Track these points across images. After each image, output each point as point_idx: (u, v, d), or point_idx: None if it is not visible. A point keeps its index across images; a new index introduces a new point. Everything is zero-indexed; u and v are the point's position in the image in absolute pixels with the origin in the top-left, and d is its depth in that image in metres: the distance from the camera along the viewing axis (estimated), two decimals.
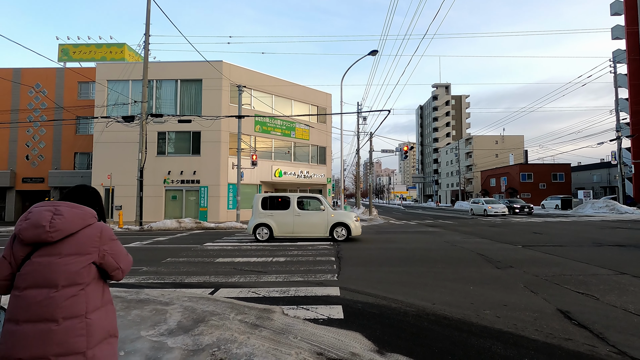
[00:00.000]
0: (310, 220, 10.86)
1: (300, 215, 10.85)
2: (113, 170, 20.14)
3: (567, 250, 8.66)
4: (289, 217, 10.82)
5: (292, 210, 10.86)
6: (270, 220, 10.83)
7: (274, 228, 10.80)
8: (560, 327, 3.59)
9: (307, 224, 10.85)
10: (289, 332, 3.38)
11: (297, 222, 10.80)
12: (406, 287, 5.28)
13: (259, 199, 11.09)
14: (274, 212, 10.91)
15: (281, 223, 10.83)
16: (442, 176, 78.57)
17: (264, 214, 10.89)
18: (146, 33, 17.11)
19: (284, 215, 10.86)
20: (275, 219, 10.85)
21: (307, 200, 11.33)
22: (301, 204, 11.09)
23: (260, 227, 10.86)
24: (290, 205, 10.90)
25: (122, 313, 3.80)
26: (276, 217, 10.87)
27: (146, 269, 6.80)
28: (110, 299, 1.62)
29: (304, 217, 10.87)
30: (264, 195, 11.24)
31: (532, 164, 50.57)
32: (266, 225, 10.82)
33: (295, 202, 10.92)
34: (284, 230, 10.86)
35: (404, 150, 23.81)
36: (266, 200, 11.11)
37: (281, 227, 10.83)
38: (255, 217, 10.94)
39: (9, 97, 25.19)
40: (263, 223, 10.83)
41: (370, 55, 19.76)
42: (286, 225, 10.82)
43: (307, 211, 11.03)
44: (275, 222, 10.82)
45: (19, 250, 1.47)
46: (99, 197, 1.75)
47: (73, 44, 26.70)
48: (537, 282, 5.47)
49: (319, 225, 10.81)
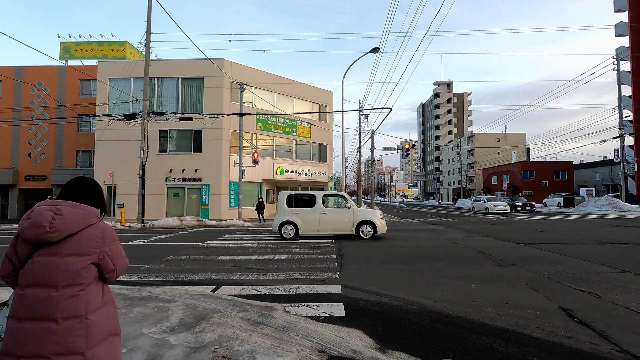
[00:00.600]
0: (336, 218, 10.84)
1: (325, 213, 10.84)
2: (115, 168, 20.18)
3: (569, 248, 8.64)
4: (315, 215, 10.81)
5: (317, 208, 10.84)
6: (295, 217, 10.83)
7: (300, 226, 10.80)
8: (562, 325, 3.59)
9: (332, 222, 10.82)
10: (290, 330, 3.38)
11: (322, 219, 10.78)
12: (408, 284, 5.28)
13: (284, 197, 11.07)
14: (300, 210, 10.90)
15: (307, 221, 10.81)
16: (444, 174, 78.41)
17: (289, 211, 10.89)
18: (147, 31, 17.10)
19: (309, 213, 10.84)
20: (300, 217, 10.84)
21: (332, 198, 11.33)
22: (326, 201, 11.09)
23: (285, 224, 10.85)
24: (316, 203, 10.88)
25: (124, 310, 3.82)
26: (302, 214, 10.86)
27: (148, 267, 6.82)
28: (112, 298, 1.62)
29: (330, 214, 10.86)
30: (289, 193, 11.20)
31: (534, 162, 50.42)
32: (291, 223, 10.82)
33: (320, 200, 10.90)
34: (309, 228, 10.85)
35: (406, 148, 23.77)
36: (291, 198, 11.07)
37: (307, 224, 10.82)
38: (280, 215, 10.94)
39: (11, 95, 25.26)
40: (288, 221, 10.83)
41: (372, 52, 19.71)
42: (312, 223, 10.80)
43: (332, 209, 11.03)
44: (300, 220, 10.82)
45: (22, 249, 1.47)
46: (99, 189, 1.73)
47: (75, 42, 26.72)
48: (539, 280, 5.46)
49: (344, 223, 10.78)
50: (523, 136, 65.74)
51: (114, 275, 1.59)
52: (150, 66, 17.63)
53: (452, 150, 70.46)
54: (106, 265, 1.55)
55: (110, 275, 1.58)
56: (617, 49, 32.58)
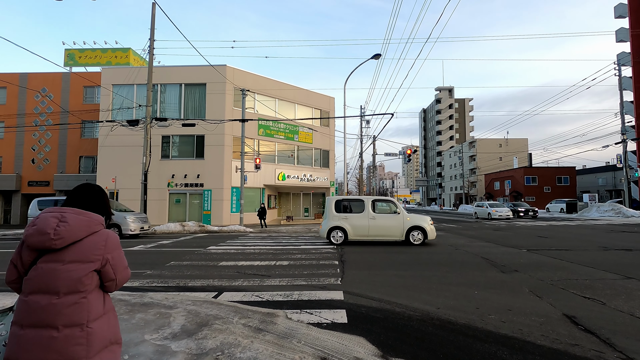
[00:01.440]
0: (385, 224, 10.71)
1: (375, 218, 10.72)
2: (118, 173, 20.25)
3: (573, 254, 8.58)
4: (364, 220, 10.70)
5: (366, 214, 10.73)
6: (344, 223, 10.74)
7: (349, 231, 10.70)
8: (566, 332, 3.56)
9: (382, 227, 10.70)
10: (292, 337, 3.37)
11: (372, 225, 10.66)
12: (410, 291, 5.25)
13: (332, 202, 10.99)
14: (349, 215, 10.81)
15: (356, 226, 10.71)
16: (446, 179, 78.28)
17: (337, 217, 10.81)
18: (151, 38, 17.27)
19: (358, 218, 10.74)
20: (349, 222, 10.75)
21: (381, 204, 11.15)
22: (376, 207, 10.96)
23: (334, 230, 10.78)
24: (365, 208, 10.79)
25: (125, 316, 3.81)
26: (351, 220, 10.77)
27: (150, 273, 6.82)
28: (112, 307, 1.61)
29: (379, 220, 10.73)
30: (338, 198, 11.13)
31: (536, 167, 50.28)
32: (341, 228, 10.74)
33: (370, 205, 10.80)
34: (358, 234, 10.73)
35: (408, 154, 23.77)
36: (340, 203, 11.00)
37: (356, 230, 10.71)
38: (329, 220, 10.85)
39: (16, 101, 25.49)
40: (337, 226, 10.75)
41: (374, 59, 19.81)
42: (361, 229, 10.70)
43: (382, 214, 10.86)
44: (350, 225, 10.72)
45: (27, 255, 1.48)
46: (104, 196, 1.73)
47: (79, 49, 27.00)
48: (542, 287, 5.42)
49: (394, 228, 10.66)
50: (525, 141, 65.68)
51: (113, 285, 1.57)
52: (153, 72, 17.76)
53: (454, 156, 70.42)
54: (107, 274, 1.54)
55: (110, 284, 1.56)
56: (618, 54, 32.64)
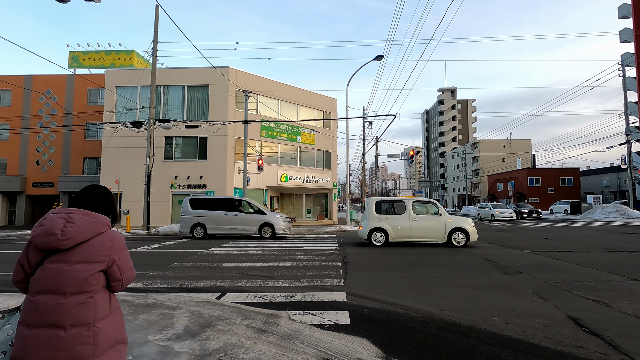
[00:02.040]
0: (427, 225, 10.64)
1: (416, 219, 10.64)
2: (121, 175, 20.35)
3: (577, 256, 8.54)
4: (405, 221, 10.63)
5: (408, 215, 10.66)
6: (385, 224, 10.66)
7: (390, 232, 10.64)
8: (571, 334, 3.54)
9: (423, 229, 10.63)
10: (295, 338, 3.37)
11: (413, 226, 10.59)
12: (413, 292, 5.24)
13: (372, 203, 10.91)
14: (389, 217, 10.73)
15: (397, 227, 10.64)
16: (449, 180, 78.08)
17: (378, 218, 10.73)
18: (154, 40, 17.37)
19: (399, 219, 10.67)
20: (390, 223, 10.67)
21: (422, 205, 11.06)
22: (417, 208, 10.87)
23: (375, 231, 10.71)
24: (406, 209, 10.72)
25: (129, 317, 3.83)
26: (392, 221, 10.69)
27: (153, 274, 6.84)
28: (118, 306, 1.62)
29: (421, 221, 10.65)
30: (378, 199, 11.08)
31: (539, 168, 50.06)
32: (381, 229, 10.67)
33: (411, 207, 10.73)
34: (399, 235, 10.66)
35: (410, 155, 23.73)
36: (380, 204, 10.92)
37: (397, 231, 10.65)
38: (369, 221, 10.77)
39: (21, 103, 25.68)
40: (378, 227, 10.68)
41: (376, 60, 19.81)
42: (402, 230, 10.63)
43: (423, 216, 10.78)
44: (390, 227, 10.65)
45: (34, 256, 1.49)
46: (111, 197, 1.75)
47: (83, 51, 27.19)
48: (546, 288, 5.39)
49: (436, 230, 10.58)
50: (528, 142, 65.43)
51: (119, 285, 1.59)
52: (156, 74, 17.86)
53: (457, 157, 70.24)
54: (113, 274, 1.55)
55: (116, 284, 1.58)
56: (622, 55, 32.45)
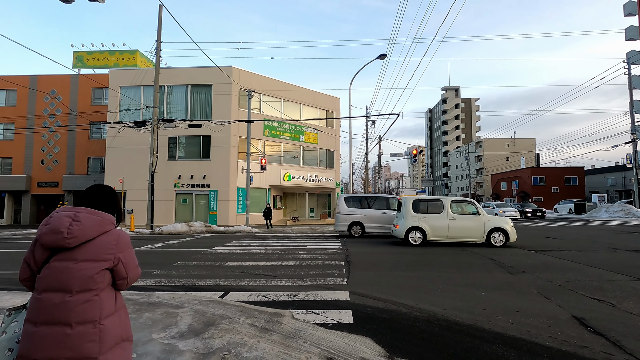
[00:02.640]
0: (465, 225, 10.53)
1: (454, 219, 10.55)
2: (125, 174, 20.46)
3: (582, 256, 8.48)
4: (443, 221, 10.55)
5: (446, 214, 10.58)
6: (423, 223, 10.58)
7: (428, 232, 10.55)
8: (575, 334, 3.52)
9: (462, 229, 10.52)
10: (298, 337, 3.38)
11: (451, 226, 10.50)
12: (416, 291, 5.23)
13: (409, 202, 10.82)
14: (427, 216, 10.64)
15: (435, 227, 10.56)
16: (452, 180, 77.81)
17: (416, 217, 10.65)
18: (158, 40, 17.42)
19: (437, 218, 10.59)
20: (428, 223, 10.58)
21: (460, 204, 10.92)
22: (455, 207, 10.76)
23: (412, 230, 10.63)
24: (444, 208, 10.63)
25: (134, 316, 3.85)
26: (429, 220, 10.60)
27: (157, 272, 6.87)
28: (124, 304, 1.64)
29: (459, 221, 10.55)
30: (415, 198, 11.01)
31: (544, 167, 49.76)
32: (419, 228, 10.60)
33: (449, 206, 10.64)
34: (437, 234, 10.57)
35: (413, 154, 23.67)
36: (417, 203, 10.84)
37: (435, 231, 10.56)
38: (406, 220, 10.69)
39: (26, 103, 25.88)
40: (416, 226, 10.60)
41: (379, 59, 19.77)
42: (440, 229, 10.54)
43: (461, 215, 10.67)
44: (428, 226, 10.56)
45: (40, 254, 1.51)
46: (116, 196, 1.76)
47: (87, 51, 27.32)
48: (550, 288, 5.37)
49: (475, 230, 10.45)
50: (532, 141, 65.04)
51: (125, 283, 1.60)
52: (160, 74, 17.92)
53: (460, 156, 69.97)
54: (119, 272, 1.57)
55: (122, 282, 1.59)
56: (627, 53, 32.15)
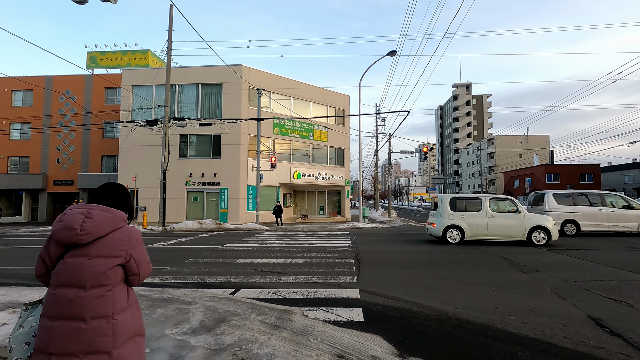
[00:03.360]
0: (505, 223, 10.30)
1: (494, 217, 10.33)
2: (137, 172, 20.77)
3: (598, 254, 8.30)
4: (482, 219, 10.35)
5: (484, 212, 10.37)
6: (461, 221, 10.44)
7: (466, 230, 10.40)
8: (591, 334, 3.44)
9: (502, 227, 10.30)
10: (309, 334, 3.38)
11: (491, 224, 10.30)
12: (427, 290, 5.19)
13: (447, 200, 10.73)
14: (465, 214, 10.48)
15: (473, 225, 10.38)
16: (463, 177, 76.87)
17: (453, 215, 10.52)
18: (169, 40, 17.60)
19: (476, 217, 10.40)
20: (466, 221, 10.42)
21: (500, 202, 10.72)
22: (494, 205, 10.59)
23: (450, 229, 10.51)
24: (483, 206, 10.43)
25: (147, 311, 3.91)
26: (467, 218, 10.44)
27: (169, 269, 6.97)
28: (136, 300, 1.67)
29: (499, 219, 10.33)
30: (453, 196, 10.90)
31: (558, 165, 48.75)
32: (457, 227, 10.46)
33: (487, 204, 10.44)
34: (476, 233, 10.40)
35: (424, 152, 23.44)
36: (455, 201, 10.70)
37: (473, 229, 10.39)
38: (443, 218, 10.57)
39: (42, 103, 26.47)
40: (454, 225, 10.47)
41: (389, 55, 19.60)
42: (479, 228, 10.36)
43: (501, 213, 10.45)
44: (467, 224, 10.40)
45: (54, 250, 1.54)
46: (127, 194, 1.80)
47: (100, 52, 27.78)
48: (565, 287, 5.26)
49: (515, 228, 10.22)
50: (546, 138, 63.72)
51: (137, 279, 1.63)
52: (171, 73, 18.10)
53: (472, 153, 69.04)
54: (131, 268, 1.60)
55: (134, 278, 1.62)
56: None
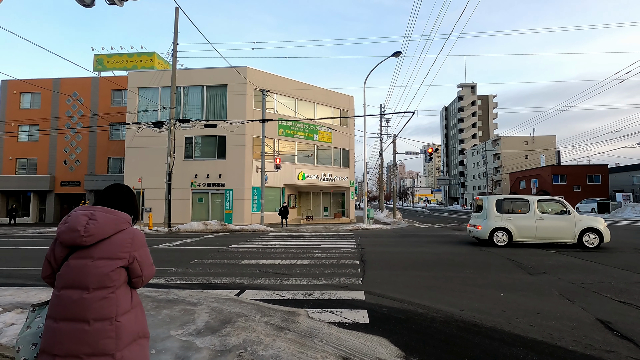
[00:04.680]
0: (555, 225, 10.06)
1: (542, 219, 10.10)
2: (143, 174, 20.91)
3: (606, 256, 8.19)
4: (530, 221, 10.14)
5: (532, 214, 10.16)
6: (508, 224, 10.24)
7: (514, 233, 10.19)
8: (600, 338, 3.39)
9: (551, 229, 10.06)
10: (314, 336, 3.37)
11: (539, 226, 10.07)
12: (433, 292, 5.16)
13: (492, 201, 10.55)
14: (512, 216, 10.30)
15: (521, 227, 10.17)
16: (469, 178, 76.40)
17: (500, 217, 10.34)
18: (174, 42, 17.72)
19: (524, 218, 10.20)
20: (514, 223, 10.23)
21: (548, 204, 10.48)
22: (542, 207, 10.35)
23: (497, 231, 10.32)
24: (530, 208, 10.22)
25: (152, 312, 3.92)
26: (515, 220, 10.25)
27: (175, 270, 7.00)
28: (140, 302, 1.66)
29: (548, 221, 10.09)
30: (499, 197, 10.71)
31: (565, 165, 48.25)
32: (504, 229, 10.27)
33: (535, 205, 10.22)
34: (524, 235, 10.19)
35: (429, 152, 23.35)
36: (501, 203, 10.53)
37: (521, 231, 10.18)
38: (489, 220, 10.40)
39: (49, 105, 26.77)
40: (501, 227, 10.28)
41: (394, 56, 19.56)
42: (527, 230, 10.14)
43: (549, 215, 10.22)
44: (514, 227, 10.19)
45: (59, 252, 1.55)
46: (132, 196, 1.80)
47: (107, 54, 28.04)
48: (573, 290, 5.20)
49: (565, 230, 9.96)
50: (553, 139, 63.13)
51: (140, 281, 1.63)
52: (176, 75, 18.23)
53: (477, 154, 68.60)
54: (134, 270, 1.59)
55: (137, 280, 1.62)
56: None
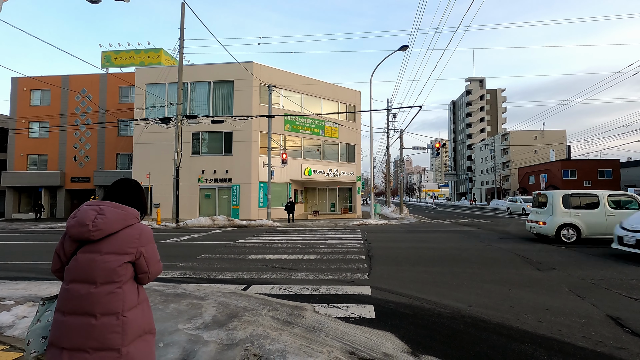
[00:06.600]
0: None
1: (614, 215, 9.73)
2: (151, 169, 21.10)
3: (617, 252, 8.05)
4: (600, 217, 9.82)
5: (602, 210, 9.85)
6: (576, 220, 9.95)
7: (582, 229, 9.88)
8: (611, 334, 3.34)
9: None
10: (320, 330, 3.38)
11: (610, 222, 9.65)
12: (440, 287, 5.13)
13: (559, 196, 10.28)
14: (581, 212, 10.01)
15: (591, 224, 9.88)
16: (477, 173, 75.70)
17: (567, 213, 10.06)
18: (181, 37, 17.76)
19: (593, 215, 9.91)
20: (582, 219, 9.93)
21: (619, 198, 10.18)
22: (612, 202, 10.03)
23: (564, 227, 10.01)
24: (600, 203, 9.92)
25: (160, 306, 3.97)
26: (583, 217, 9.95)
27: (182, 265, 7.07)
28: (146, 298, 1.67)
29: (619, 217, 9.56)
30: (565, 192, 10.42)
31: (575, 160, 47.53)
32: (572, 225, 9.97)
33: (606, 201, 9.92)
34: (594, 232, 9.88)
35: (436, 147, 23.13)
36: (568, 198, 10.21)
37: (590, 228, 9.88)
38: (556, 217, 10.11)
39: (59, 102, 27.10)
40: (568, 223, 9.98)
41: (401, 50, 19.35)
42: (597, 226, 9.82)
43: (622, 211, 9.82)
44: (583, 223, 9.89)
45: (68, 246, 1.56)
46: (140, 190, 1.80)
47: (115, 51, 28.22)
48: (583, 286, 5.13)
49: None
50: (562, 133, 62.14)
51: (146, 277, 1.63)
52: (183, 71, 18.29)
53: (485, 149, 67.86)
54: (140, 266, 1.60)
55: (143, 276, 1.62)
56: None
